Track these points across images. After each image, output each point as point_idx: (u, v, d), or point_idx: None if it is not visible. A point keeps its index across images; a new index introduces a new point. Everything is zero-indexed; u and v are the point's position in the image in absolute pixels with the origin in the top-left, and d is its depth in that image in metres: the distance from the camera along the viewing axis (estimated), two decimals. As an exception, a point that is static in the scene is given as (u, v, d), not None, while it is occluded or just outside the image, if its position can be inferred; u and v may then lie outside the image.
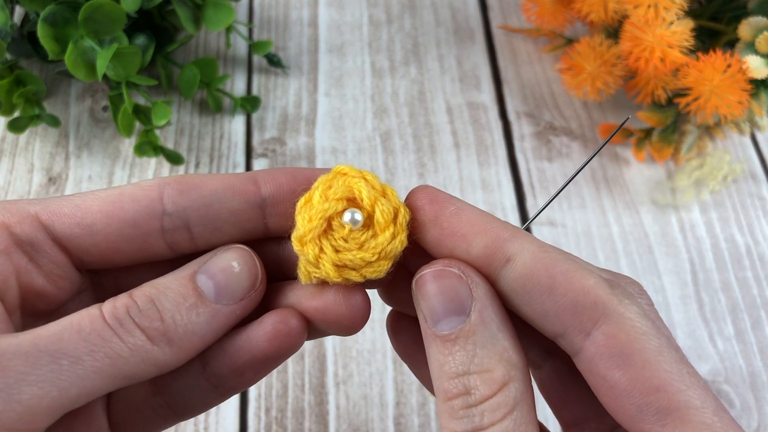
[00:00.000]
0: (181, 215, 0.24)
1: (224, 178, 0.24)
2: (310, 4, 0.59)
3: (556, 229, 0.48)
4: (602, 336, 0.21)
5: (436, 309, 0.22)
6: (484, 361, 0.21)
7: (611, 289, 0.21)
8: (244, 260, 0.23)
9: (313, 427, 0.40)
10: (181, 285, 0.22)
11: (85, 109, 0.53)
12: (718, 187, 0.49)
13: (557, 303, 0.21)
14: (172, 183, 0.24)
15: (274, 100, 0.54)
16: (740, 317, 0.44)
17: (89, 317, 0.20)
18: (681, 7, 0.44)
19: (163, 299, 0.22)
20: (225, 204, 0.24)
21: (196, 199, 0.24)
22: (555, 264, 0.22)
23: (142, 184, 0.24)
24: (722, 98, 0.44)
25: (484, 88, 0.54)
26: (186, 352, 0.22)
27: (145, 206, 0.23)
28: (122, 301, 0.21)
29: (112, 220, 0.23)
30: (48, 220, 0.23)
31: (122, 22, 0.43)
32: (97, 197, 0.23)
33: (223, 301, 0.23)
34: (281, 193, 0.24)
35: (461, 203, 0.23)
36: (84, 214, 0.23)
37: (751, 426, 0.41)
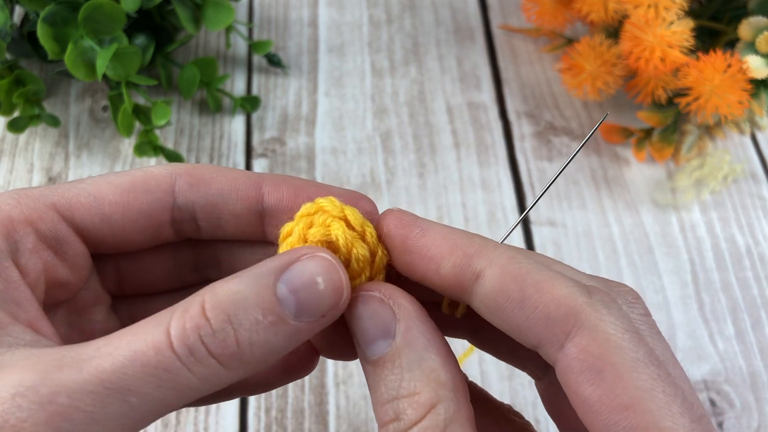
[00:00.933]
0: (189, 209, 0.24)
1: (232, 178, 0.24)
2: (310, 4, 0.59)
3: (557, 229, 0.48)
4: (575, 349, 0.20)
5: (364, 333, 0.22)
6: (411, 384, 0.21)
7: (588, 298, 0.20)
8: (329, 276, 0.21)
9: (313, 427, 0.40)
10: (260, 297, 0.20)
11: (85, 109, 0.53)
12: (719, 187, 0.49)
13: (529, 316, 0.21)
14: (183, 175, 0.24)
15: (274, 100, 0.53)
16: (740, 317, 0.44)
17: (155, 347, 0.19)
18: (681, 6, 0.44)
19: (241, 316, 0.19)
20: (228, 205, 0.24)
21: (204, 195, 0.24)
22: (525, 275, 0.21)
23: (153, 173, 0.24)
24: (722, 98, 0.44)
25: (484, 88, 0.54)
26: (257, 369, 0.21)
27: (158, 198, 0.24)
28: (194, 322, 0.19)
29: (128, 211, 0.23)
30: (67, 212, 0.23)
31: (122, 22, 0.43)
32: (111, 185, 0.23)
33: (303, 320, 0.21)
34: (281, 206, 0.24)
35: (428, 224, 0.23)
36: (100, 205, 0.23)
37: (751, 426, 0.41)
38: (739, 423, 0.41)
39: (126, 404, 0.18)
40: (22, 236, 0.22)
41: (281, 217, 0.24)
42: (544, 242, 0.47)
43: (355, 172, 0.50)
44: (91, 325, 0.26)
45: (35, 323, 0.21)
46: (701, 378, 0.42)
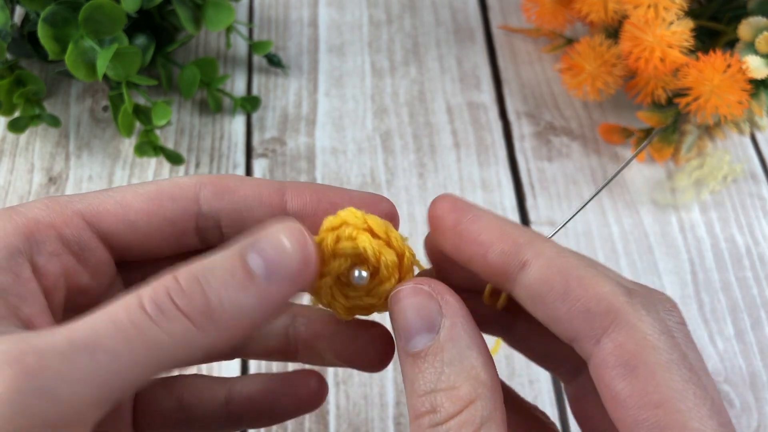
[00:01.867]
0: (214, 216, 0.25)
1: (255, 186, 0.25)
2: (310, 4, 0.59)
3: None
4: (611, 344, 0.20)
5: (408, 326, 0.22)
6: (450, 378, 0.21)
7: (628, 298, 0.21)
8: (295, 237, 0.21)
9: (313, 427, 0.40)
10: (229, 262, 0.20)
11: (86, 109, 0.53)
12: (718, 187, 0.49)
13: (570, 308, 0.21)
14: (208, 184, 0.24)
15: (274, 100, 0.54)
16: (740, 317, 0.44)
17: (125, 306, 0.19)
18: (681, 7, 0.44)
19: (209, 276, 0.20)
20: (253, 212, 0.25)
21: (228, 203, 0.24)
22: (571, 269, 0.21)
23: (179, 183, 0.24)
24: (722, 98, 0.44)
25: (484, 88, 0.54)
26: (232, 335, 0.20)
27: (183, 206, 0.24)
28: (164, 282, 0.20)
29: (153, 218, 0.24)
30: (93, 219, 0.23)
31: (122, 22, 0.43)
32: (137, 194, 0.24)
33: (274, 280, 0.21)
34: (305, 212, 0.25)
35: (480, 211, 0.23)
36: (126, 212, 0.23)
37: (750, 426, 0.41)
38: (739, 423, 0.41)
39: (94, 362, 0.18)
40: (45, 238, 0.22)
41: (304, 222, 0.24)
42: (543, 242, 0.47)
43: (355, 172, 0.50)
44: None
45: (35, 320, 0.21)
46: (701, 378, 0.42)
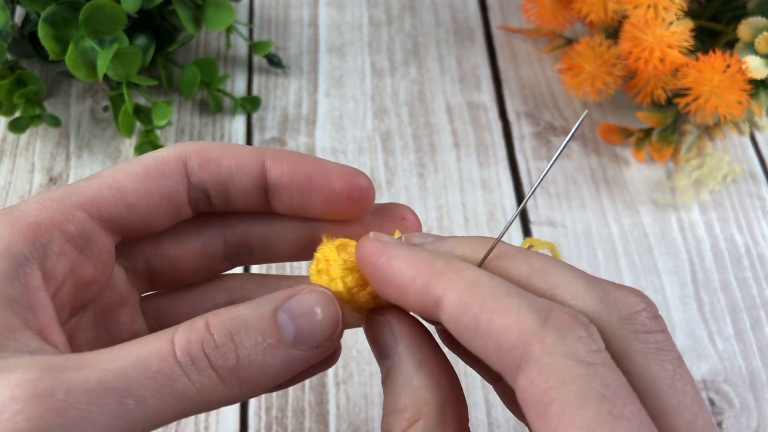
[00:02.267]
0: (202, 187, 0.25)
1: (237, 155, 0.25)
2: (310, 5, 0.59)
3: (556, 229, 0.48)
4: (524, 381, 0.19)
5: (375, 354, 0.24)
6: (400, 401, 0.22)
7: (540, 326, 0.19)
8: (327, 308, 0.22)
9: (313, 427, 0.40)
10: (261, 321, 0.21)
11: (86, 109, 0.53)
12: (718, 187, 0.49)
13: (483, 346, 0.20)
14: (192, 155, 0.25)
15: (275, 100, 0.54)
16: (740, 317, 0.44)
17: (158, 353, 0.19)
18: (680, 7, 0.44)
19: (242, 334, 0.20)
20: (236, 182, 0.25)
21: (214, 173, 0.25)
22: (480, 303, 0.20)
23: (164, 157, 0.25)
24: (722, 98, 0.44)
25: (484, 88, 0.55)
26: (252, 392, 0.21)
27: (175, 180, 0.24)
28: (198, 334, 0.20)
29: (150, 197, 0.24)
30: (92, 209, 0.23)
31: (123, 23, 0.43)
32: (128, 175, 0.24)
33: (300, 347, 0.22)
34: (282, 182, 0.25)
35: (396, 250, 0.22)
36: (123, 195, 0.24)
37: (750, 426, 0.41)
38: (738, 422, 0.41)
39: (122, 407, 0.18)
40: (50, 240, 0.22)
41: (283, 191, 0.25)
42: (543, 242, 0.47)
43: (355, 172, 0.50)
44: (118, 327, 0.26)
45: (46, 331, 0.21)
46: (700, 377, 0.42)
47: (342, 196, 0.25)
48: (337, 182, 0.25)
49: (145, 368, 0.19)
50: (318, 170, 0.25)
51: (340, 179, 0.25)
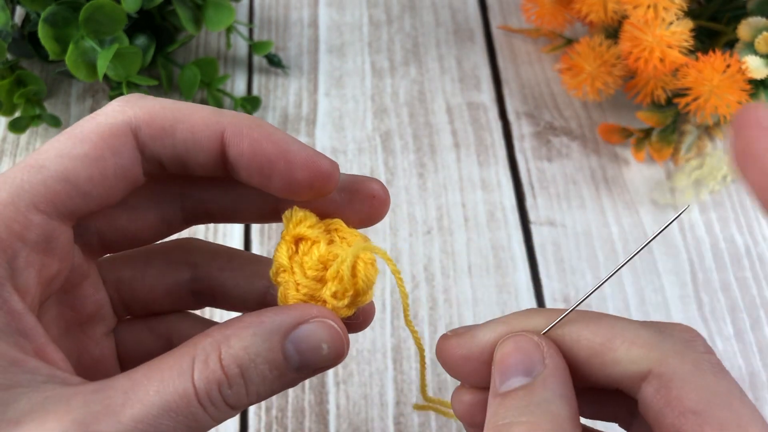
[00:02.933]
0: (156, 158, 0.24)
1: (192, 127, 0.23)
2: (310, 5, 0.59)
3: (556, 228, 0.48)
4: (660, 391, 0.21)
5: (507, 368, 0.23)
6: (533, 416, 0.22)
7: (659, 336, 0.22)
8: (334, 343, 0.23)
9: (313, 427, 0.40)
10: (270, 355, 0.22)
11: (86, 109, 0.53)
12: (718, 187, 0.49)
13: (613, 369, 0.22)
14: (143, 126, 0.23)
15: (275, 101, 0.54)
16: (739, 317, 0.44)
17: (183, 397, 0.21)
18: (680, 7, 0.44)
19: (252, 372, 0.22)
20: (192, 156, 0.24)
21: (168, 147, 0.23)
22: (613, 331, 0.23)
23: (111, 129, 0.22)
24: (722, 98, 0.44)
25: (484, 88, 0.55)
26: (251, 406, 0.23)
27: (128, 157, 0.23)
28: (215, 375, 0.21)
29: (105, 180, 0.22)
30: (47, 207, 0.22)
31: (123, 23, 0.43)
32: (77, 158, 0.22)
33: (302, 373, 0.23)
34: (241, 161, 0.24)
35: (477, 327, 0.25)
36: (77, 186, 0.22)
37: (750, 425, 0.41)
38: (738, 422, 0.41)
39: None
40: (14, 254, 0.21)
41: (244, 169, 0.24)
42: (543, 242, 0.47)
43: (355, 171, 0.50)
44: (82, 300, 0.26)
45: (43, 352, 0.21)
46: (700, 377, 0.42)
47: (303, 184, 0.24)
48: (299, 171, 0.24)
49: (174, 412, 0.20)
50: (279, 155, 0.23)
51: (302, 167, 0.24)
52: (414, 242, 0.47)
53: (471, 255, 0.46)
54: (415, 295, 0.45)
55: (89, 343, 0.27)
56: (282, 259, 0.25)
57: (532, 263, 0.46)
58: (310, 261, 0.25)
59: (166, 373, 0.21)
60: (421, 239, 0.47)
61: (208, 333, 0.22)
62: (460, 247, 0.47)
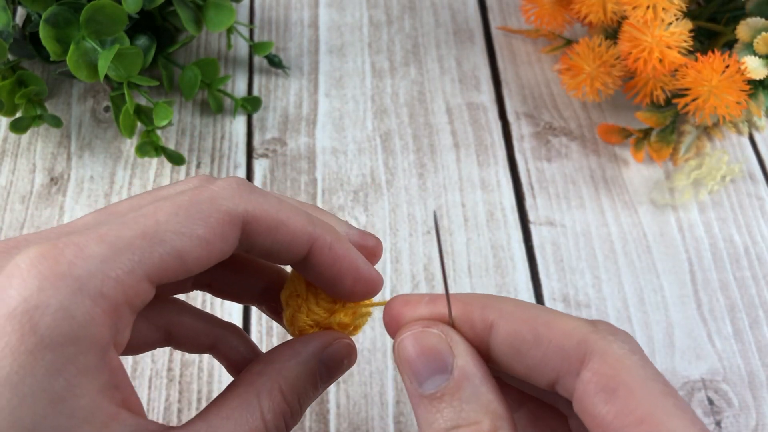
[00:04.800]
0: (248, 248, 0.25)
1: (291, 231, 0.25)
2: (311, 5, 0.59)
3: (555, 228, 0.48)
4: (589, 373, 0.21)
5: (420, 370, 0.23)
6: (471, 415, 0.22)
7: (593, 328, 0.22)
8: (350, 357, 0.27)
9: (313, 426, 0.40)
10: (312, 377, 0.26)
11: (87, 110, 0.53)
12: (717, 188, 0.49)
13: (545, 352, 0.22)
14: (253, 221, 0.24)
15: (275, 101, 0.54)
16: (738, 317, 0.45)
17: None
18: (679, 7, 0.44)
19: (303, 397, 0.25)
20: (281, 255, 0.25)
21: (266, 243, 0.25)
22: (534, 317, 0.23)
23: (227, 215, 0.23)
24: (721, 99, 0.44)
25: (484, 88, 0.55)
26: None
27: (230, 245, 0.24)
28: (281, 408, 0.24)
29: (207, 261, 0.23)
30: (155, 278, 0.22)
31: (124, 23, 0.43)
32: (193, 238, 0.22)
33: (324, 386, 0.27)
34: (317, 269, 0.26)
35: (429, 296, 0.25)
36: (185, 264, 0.22)
37: (749, 425, 0.41)
38: (737, 422, 0.41)
39: None
40: (121, 317, 0.21)
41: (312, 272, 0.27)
42: (542, 242, 0.47)
43: (355, 172, 0.50)
44: None
45: (129, 401, 0.22)
46: (699, 377, 0.42)
47: (358, 295, 0.27)
48: (360, 286, 0.27)
49: None
50: (350, 271, 0.26)
51: (365, 284, 0.27)
52: (414, 242, 0.47)
53: (471, 255, 0.46)
54: (415, 295, 0.45)
55: None
56: (299, 287, 0.28)
57: (532, 263, 0.46)
58: (324, 294, 0.28)
59: (237, 413, 0.23)
60: (421, 239, 0.47)
61: (260, 371, 0.25)
62: (459, 247, 0.47)
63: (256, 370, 0.25)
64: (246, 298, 0.31)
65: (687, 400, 0.41)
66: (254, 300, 0.31)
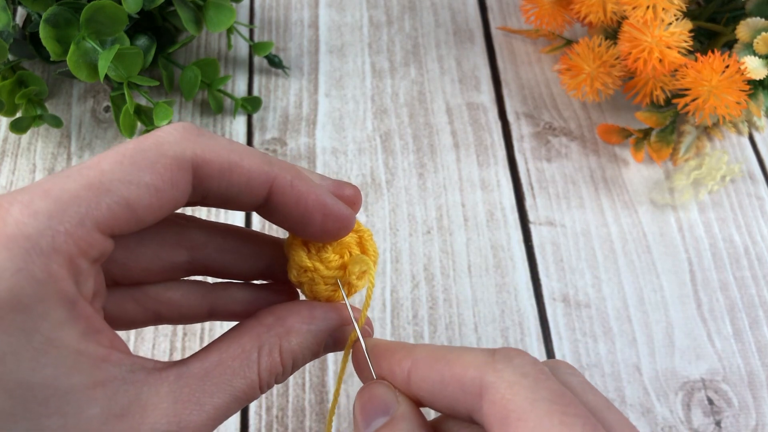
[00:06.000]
0: (203, 193, 0.25)
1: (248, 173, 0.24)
2: (311, 6, 0.60)
3: (555, 228, 0.48)
4: (486, 405, 0.22)
5: (368, 413, 0.25)
6: None
7: (489, 358, 0.23)
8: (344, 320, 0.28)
9: (314, 426, 0.40)
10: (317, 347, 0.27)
11: (87, 110, 0.53)
12: (717, 188, 0.49)
13: (452, 392, 0.24)
14: (204, 165, 0.24)
15: (275, 101, 0.54)
16: (738, 317, 0.45)
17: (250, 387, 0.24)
18: (679, 8, 0.44)
19: (299, 359, 0.26)
20: (239, 198, 0.25)
21: (223, 188, 0.24)
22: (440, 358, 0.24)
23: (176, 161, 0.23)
24: (720, 99, 0.44)
25: (484, 88, 0.55)
26: None
27: (183, 191, 0.23)
28: (276, 368, 0.25)
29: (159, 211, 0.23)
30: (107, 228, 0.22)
31: (124, 23, 0.43)
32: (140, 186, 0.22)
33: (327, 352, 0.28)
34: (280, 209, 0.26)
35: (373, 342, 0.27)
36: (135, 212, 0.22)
37: (749, 425, 0.41)
38: (737, 422, 0.41)
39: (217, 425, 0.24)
40: (80, 269, 0.22)
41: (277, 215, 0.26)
42: (542, 242, 0.47)
43: (355, 172, 0.50)
44: None
45: (114, 342, 0.22)
46: (699, 377, 0.42)
47: (331, 232, 0.27)
48: (331, 222, 0.26)
49: (241, 399, 0.24)
50: (317, 208, 0.26)
51: (335, 220, 0.26)
52: (414, 242, 0.47)
53: (471, 255, 0.47)
54: (415, 295, 0.45)
55: None
56: (303, 261, 0.28)
57: (532, 263, 0.46)
58: (328, 254, 0.28)
59: (236, 362, 0.24)
60: (421, 239, 0.47)
61: (270, 325, 0.26)
62: (459, 246, 0.47)
63: (267, 323, 0.26)
64: (250, 277, 0.30)
65: (687, 400, 0.41)
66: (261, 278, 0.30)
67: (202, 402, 0.23)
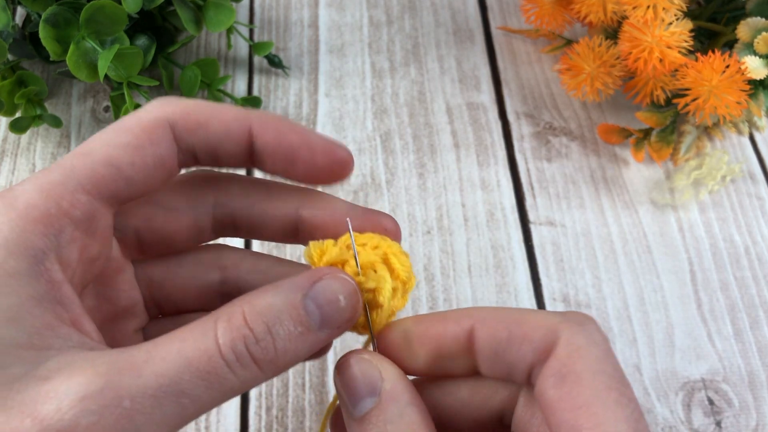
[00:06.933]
0: (191, 150, 0.26)
1: (224, 121, 0.25)
2: (311, 5, 0.59)
3: (555, 228, 0.48)
4: (552, 360, 0.23)
5: (353, 392, 0.24)
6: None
7: (562, 319, 0.24)
8: (349, 294, 0.24)
9: (314, 426, 0.40)
10: (293, 310, 0.23)
11: (87, 110, 0.53)
12: (717, 188, 0.49)
13: (519, 348, 0.24)
14: (179, 120, 0.25)
15: (275, 101, 0.54)
16: (739, 317, 0.45)
17: (206, 354, 0.21)
18: (680, 7, 0.44)
19: (278, 327, 0.22)
20: (223, 147, 0.26)
21: (202, 139, 0.25)
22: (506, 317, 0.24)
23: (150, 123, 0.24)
24: (721, 99, 0.44)
25: (484, 88, 0.55)
26: (279, 374, 0.23)
27: (166, 147, 0.25)
28: (240, 331, 0.22)
29: (146, 168, 0.24)
30: (93, 189, 0.23)
31: (123, 23, 0.43)
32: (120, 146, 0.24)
33: (324, 331, 0.24)
34: (267, 150, 0.26)
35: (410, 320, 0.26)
36: (121, 170, 0.24)
37: (749, 425, 0.41)
38: (738, 422, 0.41)
39: (179, 406, 0.20)
40: (61, 229, 0.22)
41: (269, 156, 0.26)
42: (543, 242, 0.47)
43: (355, 171, 0.50)
44: (117, 294, 0.27)
45: (77, 321, 0.22)
46: (699, 377, 0.42)
47: (324, 170, 0.26)
48: (320, 157, 0.26)
49: (196, 369, 0.20)
50: (302, 143, 0.26)
51: (323, 154, 0.26)
52: (414, 242, 0.47)
53: (471, 255, 0.46)
54: (415, 295, 0.45)
55: (121, 338, 0.28)
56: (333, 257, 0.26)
57: (532, 263, 0.46)
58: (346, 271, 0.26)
59: (188, 333, 0.21)
60: (421, 239, 0.47)
61: (230, 302, 0.23)
62: (459, 247, 0.47)
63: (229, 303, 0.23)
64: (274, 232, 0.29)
65: (687, 401, 0.41)
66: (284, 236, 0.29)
67: (141, 369, 0.20)
